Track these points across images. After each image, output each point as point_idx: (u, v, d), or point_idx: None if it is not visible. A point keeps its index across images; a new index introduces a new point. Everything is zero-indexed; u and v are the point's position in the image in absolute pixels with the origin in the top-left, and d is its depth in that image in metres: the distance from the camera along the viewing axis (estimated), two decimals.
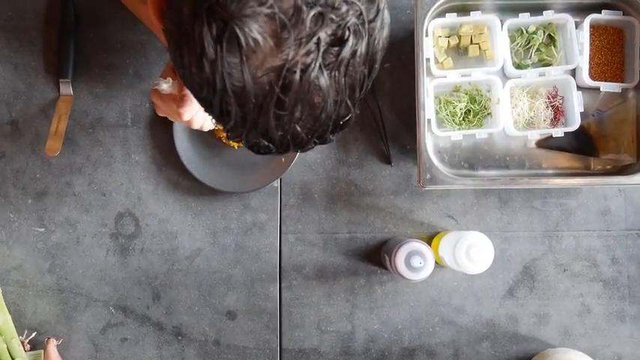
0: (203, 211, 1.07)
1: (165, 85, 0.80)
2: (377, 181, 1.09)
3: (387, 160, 1.09)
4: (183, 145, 1.05)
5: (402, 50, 1.09)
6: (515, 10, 1.06)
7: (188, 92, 0.77)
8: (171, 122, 1.04)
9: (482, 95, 1.07)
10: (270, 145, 0.57)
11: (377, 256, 1.08)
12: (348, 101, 0.56)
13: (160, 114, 0.86)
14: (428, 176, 1.02)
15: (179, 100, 0.80)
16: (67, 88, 1.06)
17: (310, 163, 1.08)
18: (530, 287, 1.08)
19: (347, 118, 0.57)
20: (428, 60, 1.04)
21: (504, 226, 1.08)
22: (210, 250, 1.07)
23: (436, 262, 1.00)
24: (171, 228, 1.07)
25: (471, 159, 1.09)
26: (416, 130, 1.02)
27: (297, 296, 1.07)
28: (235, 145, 1.06)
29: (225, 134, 1.05)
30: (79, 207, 1.07)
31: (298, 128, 0.55)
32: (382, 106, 1.09)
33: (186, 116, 0.81)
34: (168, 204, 1.07)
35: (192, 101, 0.79)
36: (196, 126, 0.85)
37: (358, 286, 1.08)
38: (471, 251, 0.95)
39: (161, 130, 1.07)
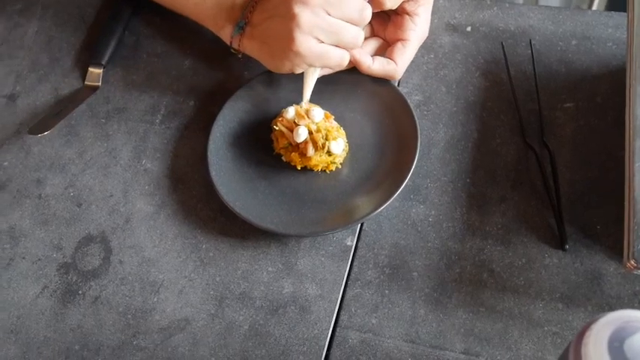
0: (215, 260, 0.62)
1: None
2: (533, 273, 0.58)
3: (556, 240, 0.60)
4: (217, 153, 0.66)
5: (596, 90, 0.68)
6: None
7: None
8: (212, 125, 0.68)
9: None
10: None
11: None
12: None
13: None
14: None
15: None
16: (95, 77, 0.75)
17: (415, 220, 0.62)
18: None
19: None
20: None
21: None
22: (206, 325, 0.59)
23: None
24: (156, 275, 0.62)
25: None
26: (612, 201, 0.56)
27: None
28: (297, 163, 0.65)
29: (285, 149, 0.65)
30: (37, 215, 0.67)
31: None
32: (556, 157, 0.64)
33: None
34: (165, 238, 0.64)
35: None
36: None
37: None
38: None
39: (197, 135, 0.70)
